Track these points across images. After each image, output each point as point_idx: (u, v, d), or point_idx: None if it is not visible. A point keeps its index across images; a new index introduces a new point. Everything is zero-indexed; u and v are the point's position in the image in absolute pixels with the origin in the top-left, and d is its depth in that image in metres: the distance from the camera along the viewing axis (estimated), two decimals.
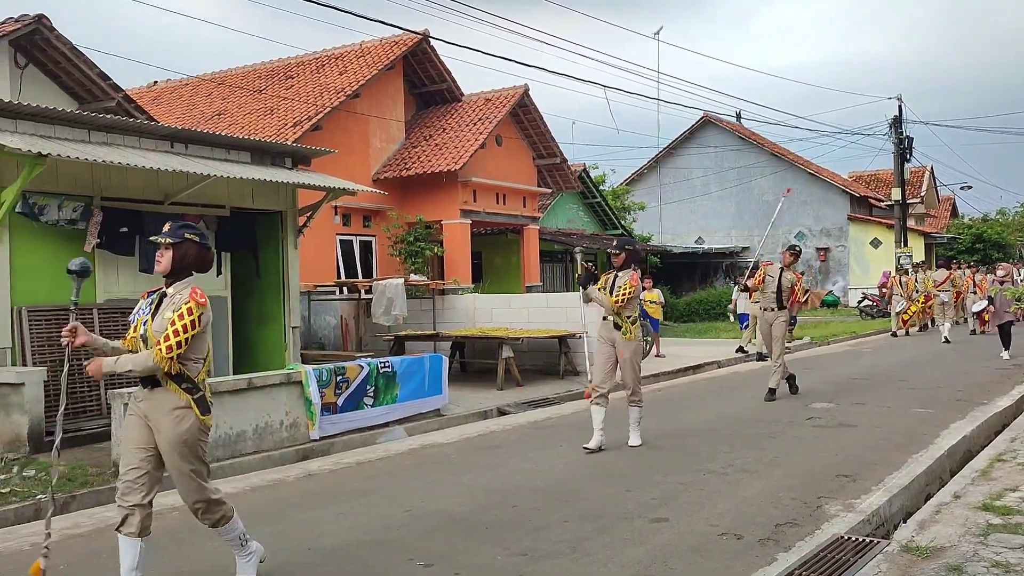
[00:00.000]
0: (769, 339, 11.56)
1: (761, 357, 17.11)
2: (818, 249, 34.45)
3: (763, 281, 11.44)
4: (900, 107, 30.78)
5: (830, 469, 7.22)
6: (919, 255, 31.66)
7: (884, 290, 23.89)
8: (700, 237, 36.47)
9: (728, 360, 16.75)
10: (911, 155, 31.21)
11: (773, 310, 11.38)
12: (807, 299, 11.70)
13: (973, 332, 21.85)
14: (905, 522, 5.70)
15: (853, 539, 5.24)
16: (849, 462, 7.48)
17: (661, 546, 5.26)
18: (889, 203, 32.89)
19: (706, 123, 36.14)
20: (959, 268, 25.14)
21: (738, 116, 35.62)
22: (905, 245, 30.22)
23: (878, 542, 5.16)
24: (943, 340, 19.58)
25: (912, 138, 30.77)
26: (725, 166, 36.00)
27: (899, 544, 5.03)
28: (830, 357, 17.57)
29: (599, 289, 8.47)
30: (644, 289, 18.47)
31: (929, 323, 23.57)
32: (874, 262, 32.70)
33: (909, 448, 7.98)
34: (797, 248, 11.85)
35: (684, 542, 5.33)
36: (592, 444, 8.16)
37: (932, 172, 42.16)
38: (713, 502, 6.25)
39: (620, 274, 8.40)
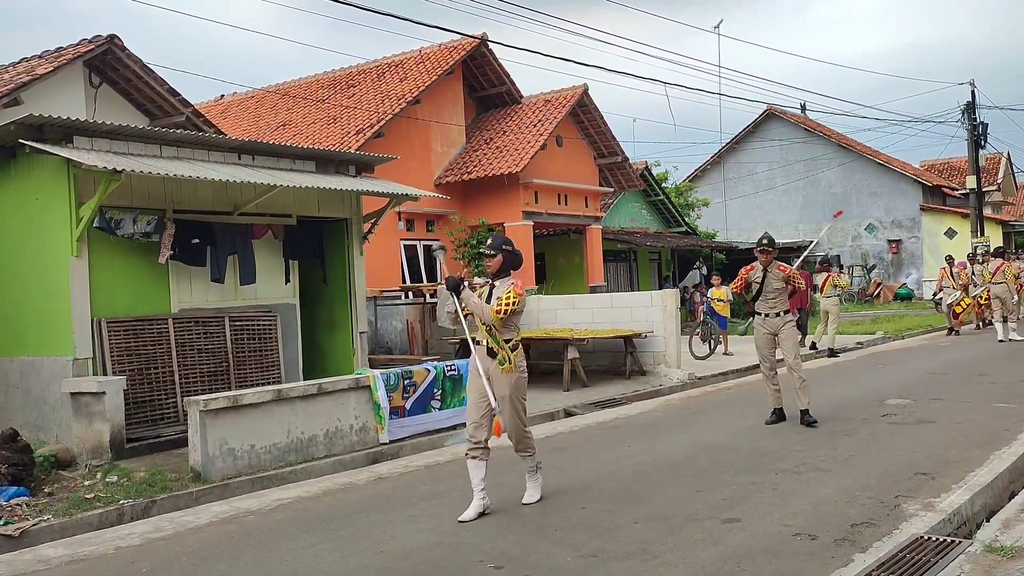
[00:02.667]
0: (769, 351, 9.50)
1: (832, 353, 16.75)
2: (890, 241, 33.59)
3: (745, 286, 9.55)
4: (973, 92, 29.86)
5: (908, 467, 7.03)
6: (997, 244, 30.59)
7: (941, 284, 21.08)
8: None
9: None
10: (986, 141, 30.22)
11: (771, 316, 9.39)
12: (802, 287, 9.83)
13: (950, 331, 20.07)
14: (988, 521, 5.52)
15: (933, 539, 5.09)
16: (928, 459, 7.27)
17: (733, 547, 5.19)
18: (964, 192, 31.88)
19: (770, 116, 35.56)
20: (1017, 258, 23.05)
21: (803, 108, 35.00)
22: (982, 234, 29.27)
23: (960, 542, 5.01)
24: (999, 340, 17.46)
25: (986, 124, 29.82)
26: (790, 159, 35.36)
27: (982, 544, 4.87)
28: (905, 351, 17.11)
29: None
30: (712, 286, 18.25)
31: (991, 320, 21.55)
32: (949, 253, 31.72)
33: (991, 445, 7.72)
34: (763, 240, 9.65)
35: (757, 543, 5.24)
36: (469, 514, 6.10)
37: (1009, 158, 40.72)
38: (786, 502, 6.14)
39: (498, 283, 6.34)
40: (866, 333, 20.33)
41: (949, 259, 20.80)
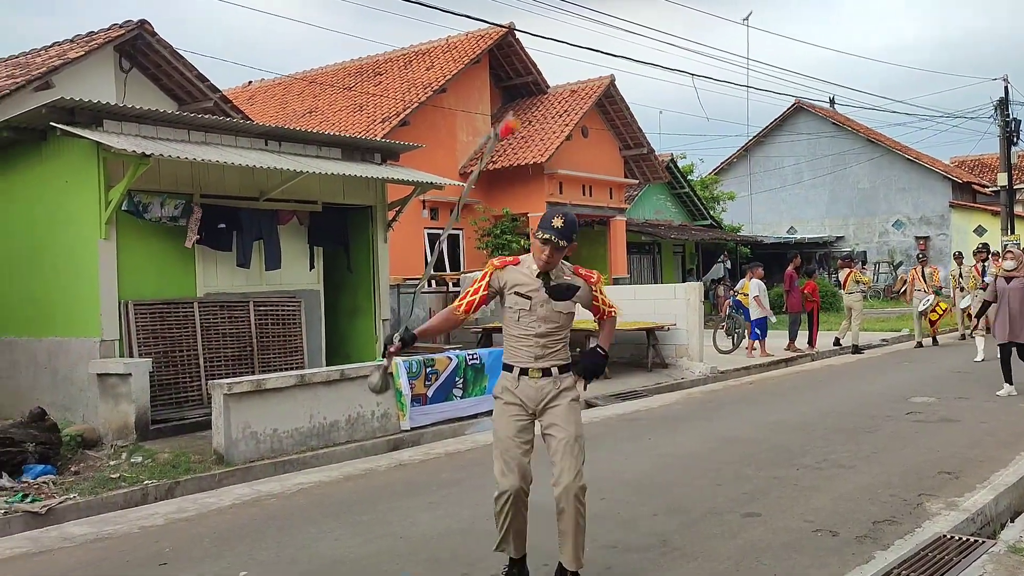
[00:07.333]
0: (519, 444, 4.71)
1: (857, 349, 16.60)
2: (917, 238, 33.21)
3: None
4: (1006, 87, 29.37)
5: (931, 465, 6.97)
6: None
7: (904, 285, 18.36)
8: (792, 227, 35.57)
9: (822, 352, 16.32)
10: (1019, 138, 29.74)
11: (530, 376, 4.81)
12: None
13: (919, 344, 17.35)
14: (1012, 522, 5.47)
15: (956, 538, 5.04)
16: (952, 458, 7.20)
17: (752, 541, 5.17)
18: (995, 189, 31.43)
19: (798, 109, 35.20)
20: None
21: (831, 102, 34.57)
22: (1012, 232, 28.87)
23: (983, 542, 4.96)
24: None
25: (1020, 120, 29.30)
26: (818, 153, 35.01)
27: (1006, 544, 4.82)
28: (931, 349, 16.92)
29: None
30: (744, 279, 17.93)
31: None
32: (919, 252, 31.33)
33: (1017, 445, 7.63)
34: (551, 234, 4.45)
35: (776, 538, 5.22)
36: None
37: None
38: (807, 497, 6.10)
39: None
40: (891, 330, 20.14)
41: (920, 258, 19.06)
